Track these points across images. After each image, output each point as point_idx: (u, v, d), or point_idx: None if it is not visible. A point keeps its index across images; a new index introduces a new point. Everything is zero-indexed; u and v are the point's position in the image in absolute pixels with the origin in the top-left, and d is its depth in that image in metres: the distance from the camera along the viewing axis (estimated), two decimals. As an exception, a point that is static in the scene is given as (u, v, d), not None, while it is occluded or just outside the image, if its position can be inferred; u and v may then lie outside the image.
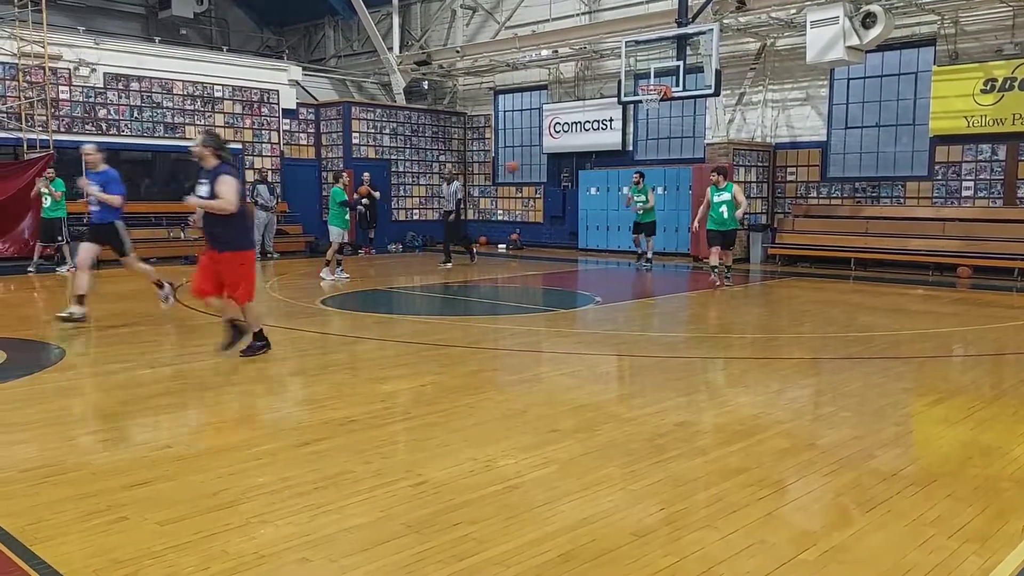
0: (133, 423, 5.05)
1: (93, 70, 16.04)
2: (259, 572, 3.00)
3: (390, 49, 20.46)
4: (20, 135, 14.99)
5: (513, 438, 4.66)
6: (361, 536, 3.31)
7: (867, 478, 4.01)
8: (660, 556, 3.12)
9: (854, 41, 13.36)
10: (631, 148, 18.47)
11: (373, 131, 20.01)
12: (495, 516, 3.51)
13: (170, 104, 17.23)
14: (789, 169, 16.53)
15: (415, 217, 20.89)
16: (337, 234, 12.88)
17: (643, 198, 14.95)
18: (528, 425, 4.95)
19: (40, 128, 15.15)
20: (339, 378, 6.31)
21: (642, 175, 15.34)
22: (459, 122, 21.70)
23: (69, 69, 15.71)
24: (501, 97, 21.01)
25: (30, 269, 13.78)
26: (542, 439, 4.64)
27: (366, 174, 17.99)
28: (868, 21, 13.28)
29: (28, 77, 15.09)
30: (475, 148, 21.78)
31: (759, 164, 16.46)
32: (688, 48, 14.73)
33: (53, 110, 15.40)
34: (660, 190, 17.33)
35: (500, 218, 21.24)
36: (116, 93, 16.46)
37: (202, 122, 17.67)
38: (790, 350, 7.64)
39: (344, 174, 14.54)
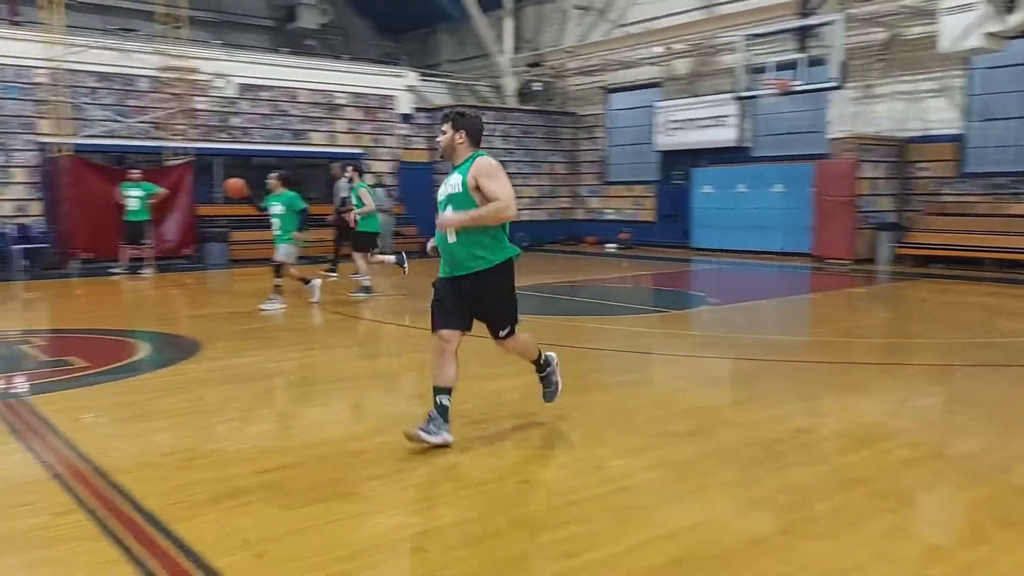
0: (260, 413, 5.32)
1: (228, 81, 16.98)
2: (374, 560, 3.12)
3: (502, 52, 20.70)
4: (162, 143, 16.05)
5: (622, 439, 4.63)
6: (472, 529, 3.38)
7: (1004, 493, 3.76)
8: (776, 564, 3.04)
9: (994, 27, 12.51)
10: (748, 144, 17.97)
11: (485, 134, 20.25)
12: (604, 516, 3.50)
13: (296, 112, 18.03)
14: (920, 164, 15.65)
15: (524, 218, 21.05)
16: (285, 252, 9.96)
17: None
18: (638, 427, 4.91)
19: (180, 136, 16.16)
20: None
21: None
22: (569, 122, 21.71)
23: (206, 81, 16.69)
24: (612, 96, 20.88)
25: (115, 271, 13.73)
26: (653, 441, 4.59)
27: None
28: (1011, 5, 12.41)
29: (170, 89, 16.14)
30: (585, 147, 21.74)
31: (887, 159, 15.67)
32: (810, 40, 14.19)
33: (192, 119, 16.40)
34: (779, 187, 16.80)
35: (609, 217, 21.11)
36: (248, 102, 17.37)
37: (325, 128, 18.40)
38: (919, 355, 7.25)
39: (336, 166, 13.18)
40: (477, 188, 4.37)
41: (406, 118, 19.79)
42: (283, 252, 9.88)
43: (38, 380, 6.31)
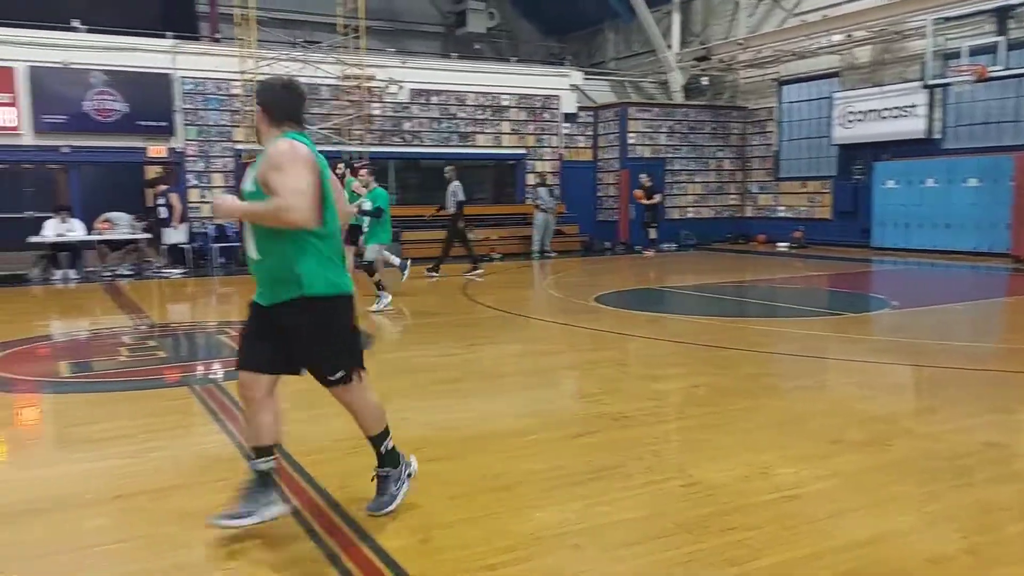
0: (427, 403, 5.54)
1: (401, 87, 17.79)
2: (534, 552, 3.17)
3: (669, 47, 20.34)
4: (341, 148, 17.06)
5: (792, 446, 4.44)
6: (632, 530, 3.37)
7: None
8: (961, 587, 2.82)
9: None
10: (938, 136, 16.64)
11: (649, 130, 20.02)
12: (771, 524, 3.38)
13: (463, 115, 18.60)
14: None
15: (689, 215, 20.59)
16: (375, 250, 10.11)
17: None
18: (810, 434, 4.69)
19: (357, 141, 17.11)
20: (611, 374, 6.43)
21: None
22: (739, 116, 21.00)
23: (381, 87, 17.56)
24: (786, 88, 19.99)
25: None
26: (825, 449, 4.37)
27: (642, 175, 18.09)
28: None
29: (349, 96, 17.12)
30: (755, 143, 20.95)
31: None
32: (1011, 21, 12.95)
33: (368, 124, 17.32)
34: (974, 182, 15.45)
35: (782, 215, 20.23)
36: (419, 107, 18.11)
37: (490, 130, 18.86)
38: None
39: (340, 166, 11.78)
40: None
41: (569, 117, 19.91)
42: (371, 252, 9.87)
43: (233, 368, 6.89)
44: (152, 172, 18.14)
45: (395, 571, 3.01)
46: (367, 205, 9.80)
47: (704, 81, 20.69)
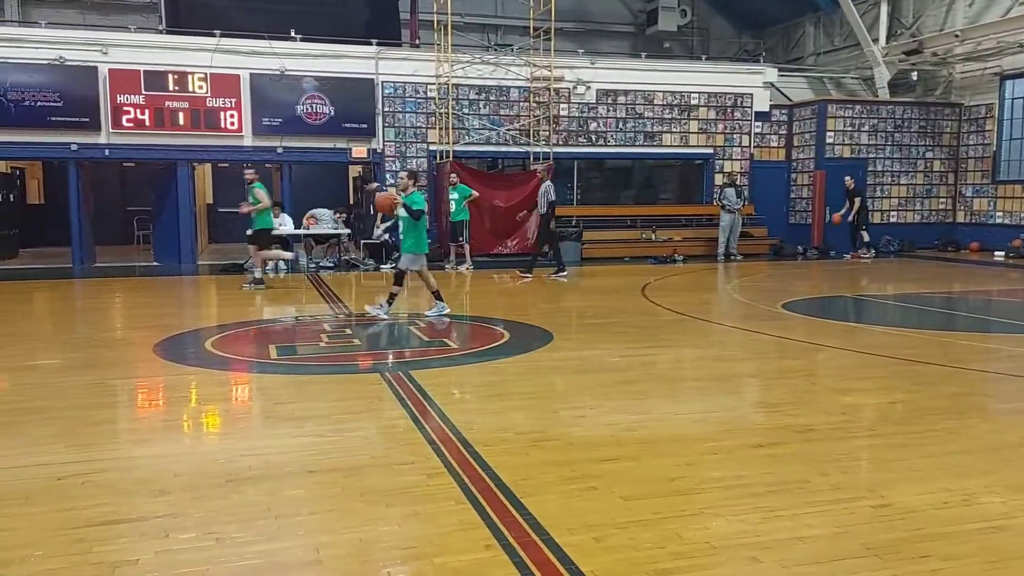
0: (604, 403, 5.54)
1: (588, 87, 17.88)
2: (710, 562, 3.09)
3: (875, 40, 19.02)
4: (527, 149, 17.42)
5: (1002, 473, 4.03)
6: (815, 548, 3.20)
7: None
8: None
9: None
10: None
11: (850, 128, 18.84)
12: (974, 556, 3.09)
13: (650, 114, 18.39)
14: None
15: (892, 220, 19.17)
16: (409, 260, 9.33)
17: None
18: (1023, 461, 4.24)
19: (543, 142, 17.40)
20: (797, 384, 6.12)
21: None
22: (952, 114, 19.28)
23: (568, 88, 17.74)
24: (1009, 83, 18.11)
25: (447, 266, 15.12)
26: (1043, 481, 3.93)
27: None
28: None
29: (537, 98, 17.44)
30: (971, 142, 19.14)
31: None
32: None
33: (555, 125, 17.57)
34: None
35: (999, 221, 18.35)
36: (605, 107, 18.12)
37: (678, 129, 18.52)
38: None
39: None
40: None
41: (762, 116, 19.15)
42: (405, 261, 9.25)
43: (420, 357, 7.24)
44: (354, 171, 19.41)
45: (568, 567, 3.04)
46: (401, 212, 9.12)
47: (914, 76, 19.18)
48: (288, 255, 12.64)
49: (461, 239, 15.08)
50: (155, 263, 15.96)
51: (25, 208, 18.96)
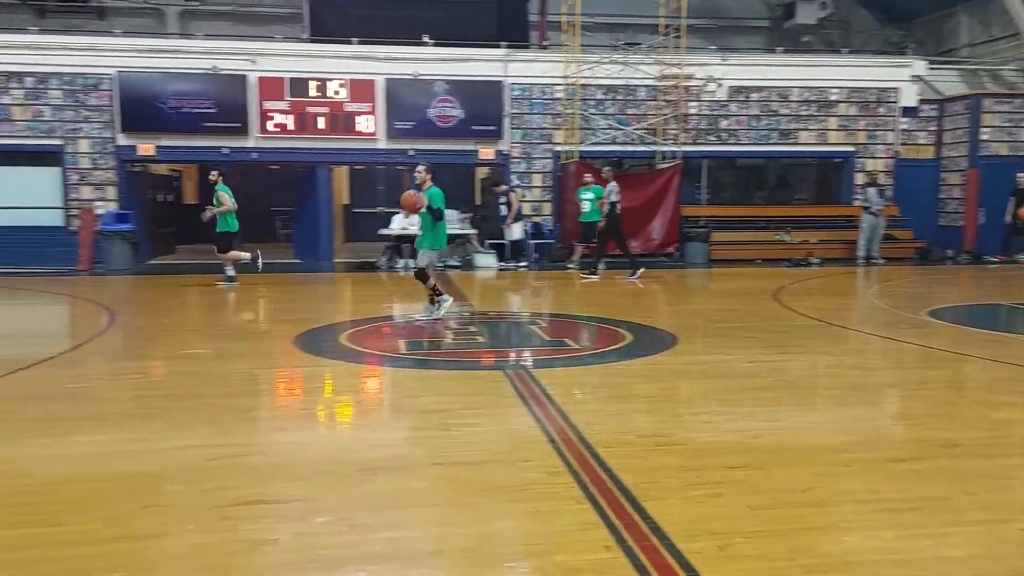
0: (731, 409, 5.40)
1: (719, 84, 17.44)
2: (841, 578, 2.97)
3: (1039, 28, 17.59)
4: (654, 148, 17.18)
5: None
6: (957, 570, 3.01)
7: None
8: None
9: None
10: None
11: (1008, 124, 17.51)
12: None
13: (785, 111, 17.74)
14: None
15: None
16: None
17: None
18: None
19: (671, 141, 17.12)
20: (940, 396, 5.76)
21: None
22: None
23: (698, 86, 17.37)
24: None
25: (569, 266, 15.05)
26: None
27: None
28: None
29: (666, 96, 17.19)
30: None
31: None
32: None
33: (683, 124, 17.25)
34: None
35: None
36: (737, 104, 17.62)
37: (815, 127, 17.77)
38: None
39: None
40: None
41: (908, 111, 18.08)
42: (424, 257, 9.04)
43: (541, 356, 7.30)
44: (482, 173, 19.75)
45: (690, 574, 2.98)
46: (424, 202, 8.78)
47: (1084, 65, 17.62)
48: (245, 256, 12.59)
49: (594, 241, 14.97)
50: (296, 260, 16.80)
51: (181, 208, 20.40)
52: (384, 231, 15.78)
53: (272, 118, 15.62)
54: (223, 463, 4.24)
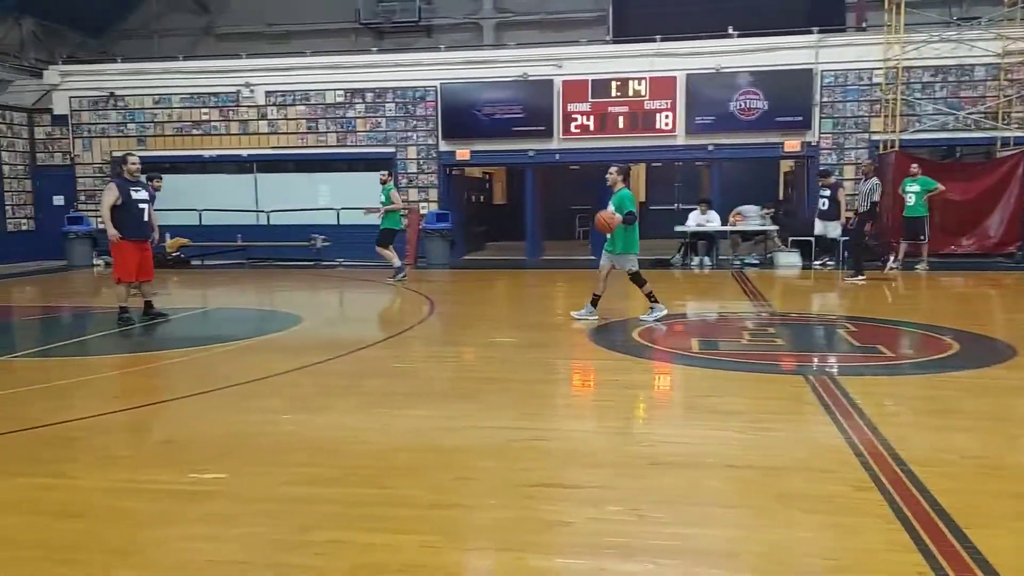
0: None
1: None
2: None
3: None
4: (994, 134, 15.14)
5: None
6: None
7: None
8: None
9: None
10: None
11: None
12: None
13: None
14: None
15: None
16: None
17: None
18: None
19: (1015, 125, 14.96)
20: None
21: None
22: None
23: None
24: None
25: (893, 266, 13.53)
26: None
27: None
28: None
29: (1009, 75, 15.05)
30: None
31: None
32: None
33: (1029, 105, 15.00)
34: None
35: None
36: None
37: None
38: None
39: None
40: None
41: None
42: (628, 262, 8.68)
43: (849, 363, 6.81)
44: (785, 166, 18.83)
45: (1018, 613, 2.64)
46: (618, 220, 8.46)
47: None
48: (396, 260, 13.16)
49: (922, 237, 13.61)
50: (591, 256, 17.32)
51: (491, 207, 21.97)
52: (680, 228, 15.68)
53: (575, 119, 16.22)
54: (523, 445, 4.54)
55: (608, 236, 8.63)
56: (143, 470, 4.21)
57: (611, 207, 8.59)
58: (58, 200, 18.15)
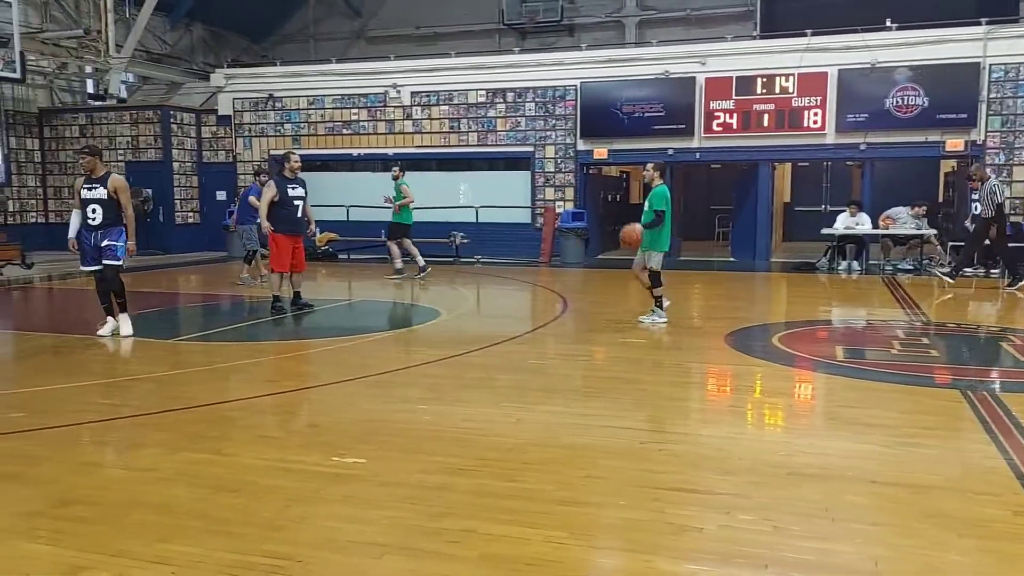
0: None
1: None
2: None
3: None
4: None
5: None
6: None
7: None
8: None
9: None
10: None
11: None
12: None
13: None
14: None
15: None
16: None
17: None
18: None
19: None
20: None
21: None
22: None
23: None
24: None
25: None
26: None
27: None
28: None
29: None
30: None
31: None
32: None
33: None
34: None
35: None
36: None
37: None
38: None
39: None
40: None
41: None
42: (655, 260, 8.59)
43: (1014, 379, 6.31)
44: (947, 166, 17.59)
45: None
46: (639, 226, 8.62)
47: None
48: (398, 259, 13.25)
49: None
50: (731, 259, 16.84)
51: (628, 207, 21.79)
52: (827, 230, 14.98)
53: (717, 117, 15.81)
54: (653, 447, 4.50)
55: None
56: (291, 451, 4.48)
57: (647, 209, 8.63)
58: (220, 195, 19.49)
